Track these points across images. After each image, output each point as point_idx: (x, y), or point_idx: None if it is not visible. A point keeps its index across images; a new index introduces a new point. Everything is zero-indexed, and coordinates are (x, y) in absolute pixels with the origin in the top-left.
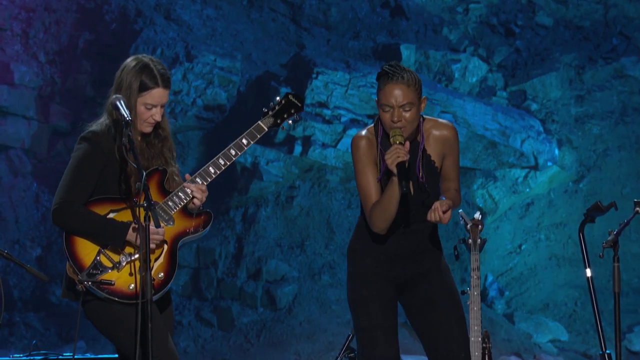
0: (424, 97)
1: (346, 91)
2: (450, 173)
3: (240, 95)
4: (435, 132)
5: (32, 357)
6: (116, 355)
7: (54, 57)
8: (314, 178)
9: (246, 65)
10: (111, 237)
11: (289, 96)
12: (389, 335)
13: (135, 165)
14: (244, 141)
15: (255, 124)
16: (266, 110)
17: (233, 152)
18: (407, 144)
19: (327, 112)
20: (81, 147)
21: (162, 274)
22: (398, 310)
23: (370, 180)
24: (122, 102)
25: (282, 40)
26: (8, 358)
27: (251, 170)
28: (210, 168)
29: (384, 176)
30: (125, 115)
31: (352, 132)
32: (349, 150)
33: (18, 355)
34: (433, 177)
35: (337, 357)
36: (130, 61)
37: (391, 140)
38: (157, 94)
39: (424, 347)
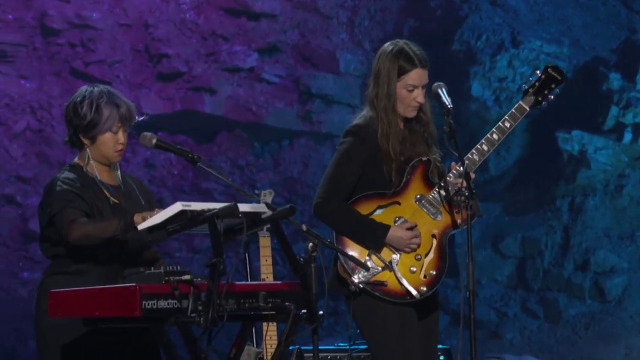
0: None
1: None
2: None
3: (567, 82)
4: None
5: (355, 347)
6: None
7: (379, 45)
8: None
9: (574, 50)
10: (370, 239)
11: (549, 70)
12: None
13: (457, 154)
14: (507, 124)
15: (517, 105)
16: (526, 88)
17: (496, 136)
18: None
19: None
20: (346, 140)
21: (433, 271)
22: None
23: None
24: (443, 89)
25: (612, 24)
26: (333, 347)
27: (578, 158)
28: (475, 156)
29: None
30: (447, 103)
31: None
32: None
33: (343, 344)
34: None
35: None
36: (385, 46)
37: None
38: (417, 75)
39: None
